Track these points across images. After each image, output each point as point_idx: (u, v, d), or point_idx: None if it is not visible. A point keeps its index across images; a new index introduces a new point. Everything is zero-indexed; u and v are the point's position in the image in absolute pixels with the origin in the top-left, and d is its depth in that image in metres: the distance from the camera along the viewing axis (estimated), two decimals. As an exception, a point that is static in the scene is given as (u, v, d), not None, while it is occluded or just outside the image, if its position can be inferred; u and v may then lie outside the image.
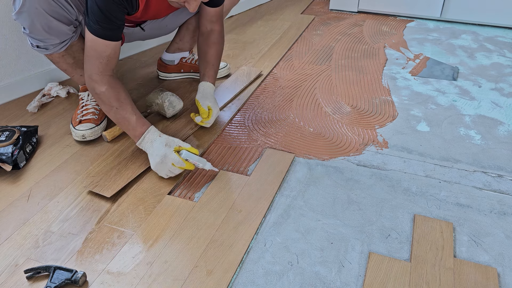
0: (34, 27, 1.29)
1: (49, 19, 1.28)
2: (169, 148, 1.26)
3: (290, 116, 1.63)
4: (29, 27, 1.29)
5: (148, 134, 1.29)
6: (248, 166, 1.36)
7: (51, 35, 1.33)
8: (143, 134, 1.29)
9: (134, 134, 1.30)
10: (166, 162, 1.25)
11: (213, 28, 1.55)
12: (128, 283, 0.98)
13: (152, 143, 1.28)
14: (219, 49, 1.57)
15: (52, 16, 1.28)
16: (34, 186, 1.27)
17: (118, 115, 1.29)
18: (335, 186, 1.29)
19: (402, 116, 1.64)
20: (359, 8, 2.72)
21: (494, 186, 1.29)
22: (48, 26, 1.30)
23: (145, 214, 1.17)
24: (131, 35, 1.58)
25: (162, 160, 1.25)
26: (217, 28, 1.55)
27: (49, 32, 1.31)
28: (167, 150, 1.25)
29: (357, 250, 1.08)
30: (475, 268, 1.03)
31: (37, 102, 1.65)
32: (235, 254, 1.05)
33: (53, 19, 1.29)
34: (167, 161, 1.25)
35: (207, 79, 1.54)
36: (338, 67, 2.02)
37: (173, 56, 1.82)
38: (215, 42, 1.55)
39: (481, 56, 2.13)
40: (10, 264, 1.03)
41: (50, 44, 1.35)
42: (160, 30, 1.66)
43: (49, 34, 1.32)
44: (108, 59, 1.27)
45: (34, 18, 1.27)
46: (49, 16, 1.28)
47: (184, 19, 1.68)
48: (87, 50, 1.26)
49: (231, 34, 2.37)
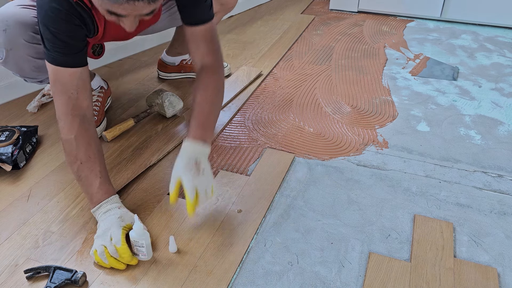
0: (24, 71, 1.27)
1: (37, 62, 1.24)
2: (121, 221, 1.03)
3: (290, 116, 1.63)
4: (19, 72, 1.28)
5: (106, 204, 1.07)
6: (248, 166, 1.36)
7: (42, 73, 1.28)
8: (100, 203, 1.07)
9: (90, 199, 1.08)
10: (106, 235, 1.01)
11: (204, 63, 1.21)
12: (128, 283, 0.98)
13: (106, 213, 1.06)
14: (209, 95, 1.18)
15: (39, 58, 1.22)
16: (34, 186, 1.27)
17: (80, 173, 1.08)
18: (335, 186, 1.29)
19: (402, 116, 1.64)
20: (359, 8, 2.72)
21: (494, 186, 1.29)
22: (36, 68, 1.26)
23: (145, 214, 1.17)
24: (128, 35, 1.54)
25: (104, 231, 1.01)
26: (210, 62, 1.21)
27: (40, 71, 1.28)
28: (116, 223, 1.02)
29: (357, 250, 1.07)
30: (475, 268, 1.03)
31: (37, 102, 1.65)
32: (235, 254, 1.05)
33: (40, 60, 1.21)
34: (107, 234, 1.01)
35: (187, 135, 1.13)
36: (338, 67, 2.02)
37: (173, 59, 1.83)
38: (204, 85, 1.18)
39: (481, 56, 2.13)
40: (10, 264, 1.03)
41: (44, 78, 1.34)
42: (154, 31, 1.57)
43: (40, 73, 1.29)
44: (78, 92, 1.08)
45: (22, 64, 1.24)
46: (37, 60, 1.23)
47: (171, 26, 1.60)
48: (51, 85, 1.08)
49: (231, 34, 2.37)
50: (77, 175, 1.09)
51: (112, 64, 2.02)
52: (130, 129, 1.52)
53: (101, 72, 1.91)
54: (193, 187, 1.05)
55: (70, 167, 1.10)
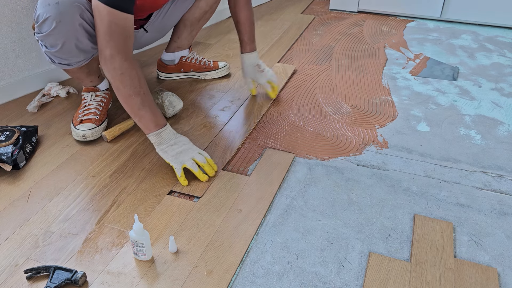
0: (64, 47, 1.28)
1: (80, 40, 1.27)
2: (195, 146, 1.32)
3: (290, 116, 1.63)
4: (61, 45, 1.27)
5: (168, 126, 1.28)
6: (248, 166, 1.36)
7: (80, 53, 1.32)
8: (166, 124, 1.28)
9: (157, 123, 1.26)
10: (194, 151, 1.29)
11: None
12: (128, 283, 0.98)
13: (175, 135, 1.29)
14: (247, 13, 1.60)
15: (84, 37, 1.27)
16: (34, 186, 1.27)
17: (144, 102, 1.23)
18: (335, 186, 1.29)
19: (402, 116, 1.64)
20: (359, 8, 2.72)
21: (494, 186, 1.29)
22: (78, 45, 1.28)
23: (145, 214, 1.17)
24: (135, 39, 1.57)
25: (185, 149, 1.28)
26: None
27: (79, 50, 1.30)
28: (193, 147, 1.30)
29: (357, 250, 1.07)
30: (475, 268, 1.03)
31: (37, 102, 1.65)
32: (235, 254, 1.05)
33: (84, 39, 1.27)
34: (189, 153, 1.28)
35: (243, 50, 1.65)
36: (338, 67, 2.02)
37: (173, 55, 1.82)
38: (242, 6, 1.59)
39: (481, 56, 2.13)
40: (10, 264, 1.03)
41: (75, 61, 1.35)
42: (161, 30, 1.66)
43: (79, 52, 1.31)
44: (131, 36, 1.19)
45: (66, 39, 1.25)
46: (81, 38, 1.26)
47: (179, 15, 1.68)
48: (106, 26, 1.15)
49: (231, 34, 2.37)
50: (141, 104, 1.22)
51: (112, 64, 2.02)
52: (130, 129, 1.52)
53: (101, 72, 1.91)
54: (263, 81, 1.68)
55: (131, 99, 1.22)
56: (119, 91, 1.22)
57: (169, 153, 1.27)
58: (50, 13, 1.21)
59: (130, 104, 1.23)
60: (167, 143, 1.27)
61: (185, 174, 1.27)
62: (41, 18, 1.22)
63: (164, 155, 1.27)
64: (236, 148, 1.44)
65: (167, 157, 1.27)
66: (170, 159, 1.27)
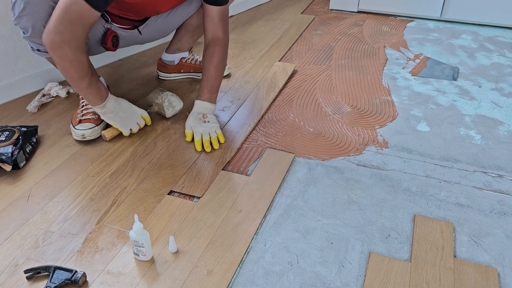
0: (35, 29, 1.28)
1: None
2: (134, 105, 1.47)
3: (290, 116, 1.63)
4: (31, 28, 1.28)
5: (111, 96, 1.40)
6: (248, 166, 1.36)
7: None
8: (108, 96, 1.39)
9: (101, 96, 1.37)
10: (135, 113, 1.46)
11: (215, 36, 1.48)
12: (128, 283, 0.98)
13: (117, 101, 1.42)
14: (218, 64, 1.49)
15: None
16: (34, 186, 1.27)
17: (92, 81, 1.32)
18: (335, 186, 1.29)
19: (402, 116, 1.64)
20: (359, 8, 2.72)
21: (494, 186, 1.29)
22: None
23: (145, 214, 1.17)
24: (128, 39, 1.57)
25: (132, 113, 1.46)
26: (221, 36, 1.48)
27: None
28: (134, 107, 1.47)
29: (357, 250, 1.07)
30: (475, 268, 1.03)
31: (37, 102, 1.65)
32: (235, 254, 1.05)
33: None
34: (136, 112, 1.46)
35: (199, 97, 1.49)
36: (338, 67, 2.02)
37: (172, 56, 1.82)
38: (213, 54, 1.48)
39: (481, 56, 2.13)
40: (10, 264, 1.03)
41: None
42: (157, 32, 1.65)
43: None
44: (89, 26, 1.22)
45: (36, 19, 1.25)
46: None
47: (181, 20, 1.67)
48: (65, 11, 1.16)
49: (231, 34, 2.37)
50: (88, 84, 1.32)
51: (112, 64, 2.02)
52: (130, 129, 1.52)
53: (101, 72, 1.91)
54: (199, 131, 1.43)
55: (79, 81, 1.30)
56: (68, 73, 1.29)
57: (116, 120, 1.42)
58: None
59: (77, 85, 1.32)
60: (111, 112, 1.41)
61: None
62: (13, 0, 1.25)
63: (111, 121, 1.42)
64: (236, 148, 1.44)
65: (114, 123, 1.43)
66: (118, 125, 1.43)
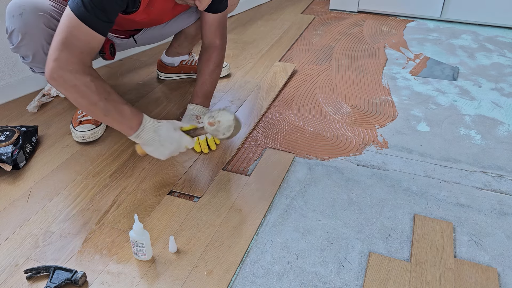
0: (36, 57, 1.27)
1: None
2: (178, 131, 1.18)
3: (290, 116, 1.63)
4: (32, 56, 1.27)
5: (146, 123, 1.15)
6: (248, 166, 1.36)
7: None
8: (141, 123, 1.14)
9: (130, 126, 1.13)
10: (180, 146, 1.19)
11: (212, 42, 1.46)
12: (128, 283, 0.98)
13: (156, 131, 1.15)
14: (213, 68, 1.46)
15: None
16: (34, 186, 1.27)
17: (108, 106, 1.10)
18: (335, 186, 1.29)
19: (402, 116, 1.64)
20: (359, 8, 2.72)
21: (494, 186, 1.29)
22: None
23: (145, 214, 1.17)
24: (123, 46, 1.56)
25: (178, 145, 1.18)
26: (218, 43, 1.46)
27: None
28: (179, 134, 1.18)
29: (357, 250, 1.07)
30: (475, 268, 1.03)
31: (37, 102, 1.65)
32: (235, 254, 1.05)
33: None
34: (181, 145, 1.19)
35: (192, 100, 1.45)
36: (338, 67, 2.02)
37: (172, 59, 1.83)
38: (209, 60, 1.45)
39: (481, 56, 2.13)
40: (10, 264, 1.03)
41: None
42: (153, 39, 1.64)
43: None
44: (91, 51, 1.09)
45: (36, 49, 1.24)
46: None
47: (179, 28, 1.64)
48: (65, 35, 1.05)
49: (231, 34, 2.37)
50: (104, 111, 1.10)
51: (112, 64, 2.02)
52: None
53: (101, 72, 1.91)
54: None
55: (93, 108, 1.10)
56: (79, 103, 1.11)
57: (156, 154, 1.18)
58: (15, 26, 1.20)
59: (95, 115, 1.13)
60: (149, 145, 1.16)
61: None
62: (8, 30, 1.23)
63: (159, 156, 1.19)
64: (236, 148, 1.44)
65: (163, 158, 1.19)
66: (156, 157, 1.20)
